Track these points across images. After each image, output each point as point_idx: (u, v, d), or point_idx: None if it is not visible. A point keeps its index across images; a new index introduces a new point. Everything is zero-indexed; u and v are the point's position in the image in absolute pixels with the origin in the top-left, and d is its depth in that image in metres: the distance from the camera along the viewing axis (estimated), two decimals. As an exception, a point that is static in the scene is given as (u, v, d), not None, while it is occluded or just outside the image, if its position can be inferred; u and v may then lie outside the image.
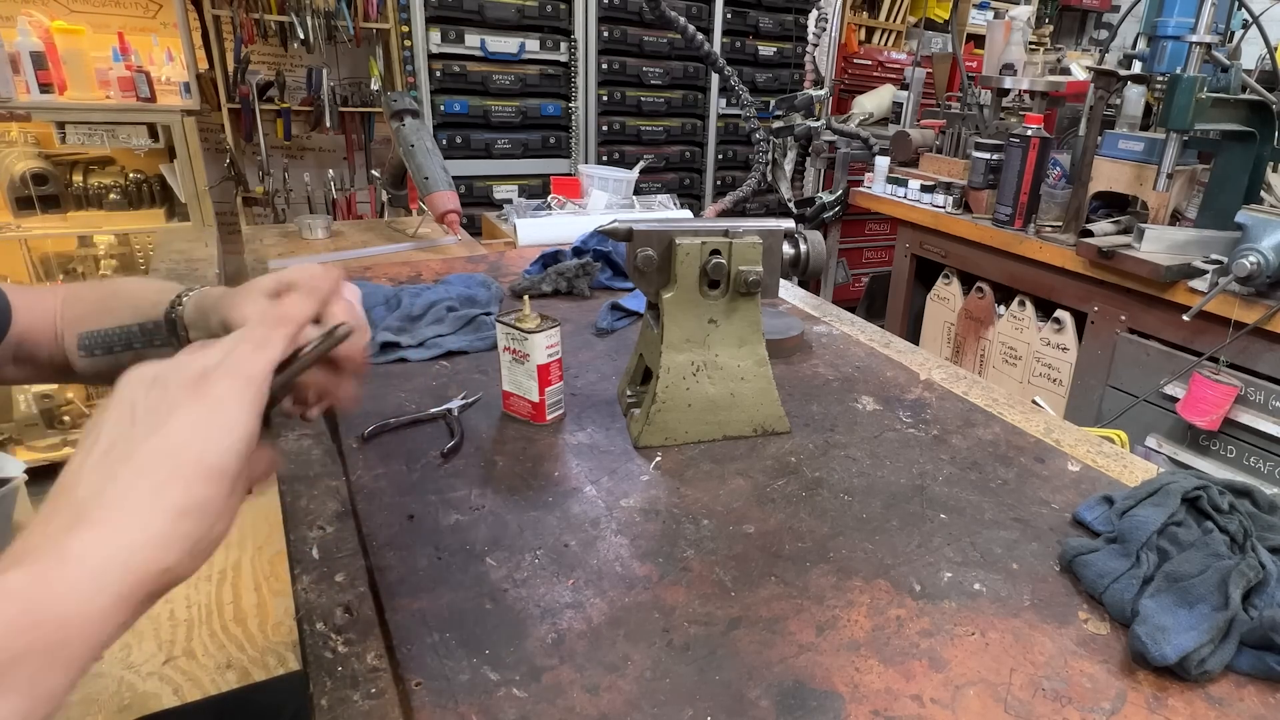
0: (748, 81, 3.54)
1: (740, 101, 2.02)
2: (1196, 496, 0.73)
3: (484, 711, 0.53)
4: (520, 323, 0.89)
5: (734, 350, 0.90)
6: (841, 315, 1.38)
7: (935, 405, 1.03)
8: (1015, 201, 2.27)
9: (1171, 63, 2.07)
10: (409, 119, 1.76)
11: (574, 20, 3.14)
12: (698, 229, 0.87)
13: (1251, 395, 1.78)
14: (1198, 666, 0.58)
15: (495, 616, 0.62)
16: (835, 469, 0.86)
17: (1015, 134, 2.23)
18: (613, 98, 3.34)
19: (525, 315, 0.89)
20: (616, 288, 1.43)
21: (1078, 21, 5.42)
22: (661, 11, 1.81)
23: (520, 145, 3.20)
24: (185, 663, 2.13)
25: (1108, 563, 0.68)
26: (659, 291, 0.88)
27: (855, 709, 0.55)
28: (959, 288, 2.64)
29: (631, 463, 0.86)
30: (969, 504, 0.81)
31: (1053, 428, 0.99)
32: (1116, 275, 2.00)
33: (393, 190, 2.05)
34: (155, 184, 2.91)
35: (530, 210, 2.06)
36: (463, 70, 2.98)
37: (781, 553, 0.72)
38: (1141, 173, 2.08)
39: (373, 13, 2.88)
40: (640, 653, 0.59)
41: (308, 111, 2.98)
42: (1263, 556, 0.67)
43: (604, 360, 1.12)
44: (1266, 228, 1.68)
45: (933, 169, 2.77)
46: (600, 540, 0.72)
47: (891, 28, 4.34)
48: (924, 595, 0.67)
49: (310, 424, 0.90)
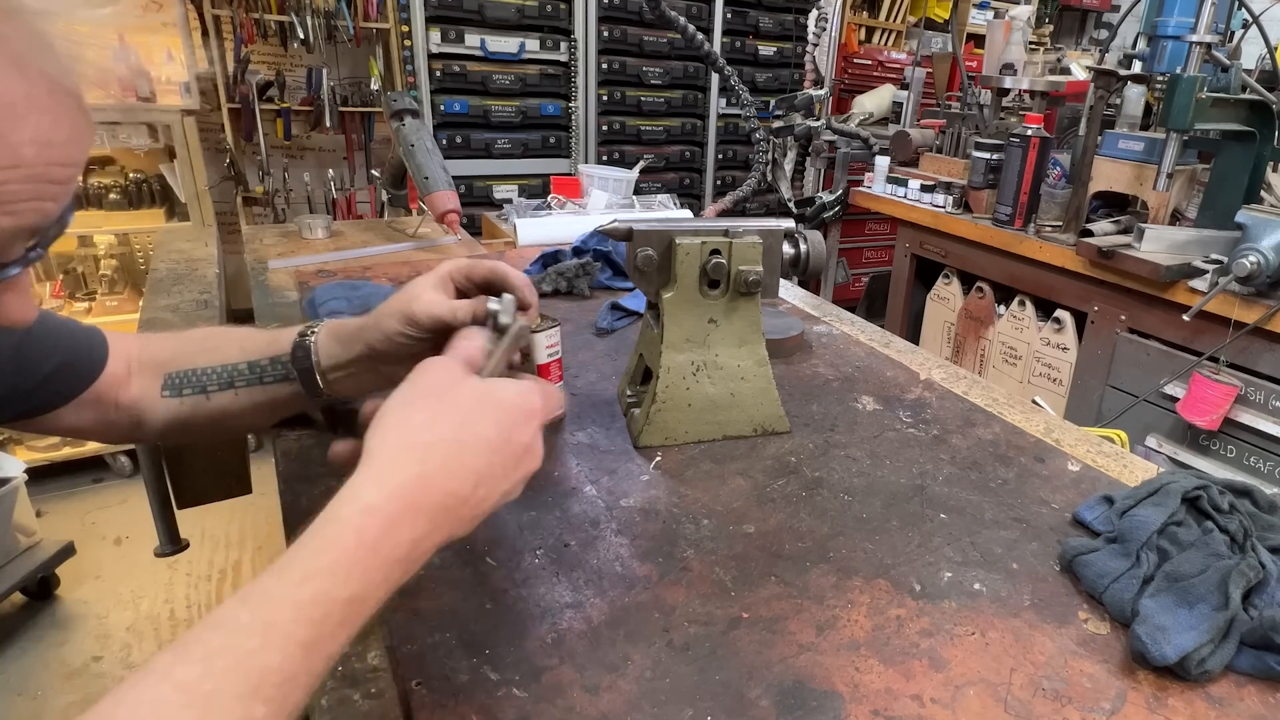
0: (748, 81, 3.53)
1: (740, 101, 2.02)
2: (1196, 496, 0.73)
3: (484, 711, 0.53)
4: None
5: (734, 350, 0.90)
6: (841, 315, 1.38)
7: (935, 405, 1.03)
8: (1015, 201, 2.27)
9: (1171, 63, 2.07)
10: (409, 119, 1.76)
11: (574, 20, 3.14)
12: (698, 229, 0.87)
13: (1251, 395, 1.78)
14: (1198, 666, 0.58)
15: (495, 616, 0.62)
16: (835, 469, 0.86)
17: (1015, 134, 2.23)
18: (613, 97, 3.34)
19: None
20: (616, 288, 1.43)
21: (1078, 21, 5.42)
22: (661, 11, 1.81)
23: (520, 145, 3.20)
24: (185, 663, 2.12)
25: (1108, 563, 0.68)
26: (659, 291, 0.88)
27: (855, 709, 0.55)
28: (959, 288, 2.64)
29: (631, 463, 0.86)
30: (969, 504, 0.81)
31: (1053, 427, 0.99)
32: (1116, 275, 2.00)
33: (393, 190, 2.05)
34: (155, 184, 2.91)
35: (530, 210, 2.06)
36: (463, 70, 2.98)
37: (781, 552, 0.72)
38: (1141, 172, 2.08)
39: (373, 12, 2.88)
40: (640, 653, 0.59)
41: (308, 111, 2.98)
42: (1263, 556, 0.67)
43: (604, 360, 1.12)
44: (1266, 227, 1.68)
45: (933, 169, 2.77)
46: (600, 540, 0.72)
47: (891, 27, 4.34)
48: (924, 595, 0.67)
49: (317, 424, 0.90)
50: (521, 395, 0.53)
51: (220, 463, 1.19)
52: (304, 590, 0.41)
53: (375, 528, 0.44)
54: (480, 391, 0.52)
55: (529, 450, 0.53)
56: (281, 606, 0.41)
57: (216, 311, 1.31)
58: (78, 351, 0.72)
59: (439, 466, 0.48)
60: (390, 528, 0.45)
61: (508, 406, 0.52)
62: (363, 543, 0.44)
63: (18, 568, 2.16)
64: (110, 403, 0.74)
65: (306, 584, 0.42)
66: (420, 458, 0.47)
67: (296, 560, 0.43)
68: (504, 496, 0.52)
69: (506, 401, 0.52)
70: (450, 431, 0.49)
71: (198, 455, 1.16)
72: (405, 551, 0.45)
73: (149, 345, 0.77)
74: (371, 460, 0.47)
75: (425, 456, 0.47)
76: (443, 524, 0.48)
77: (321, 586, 0.42)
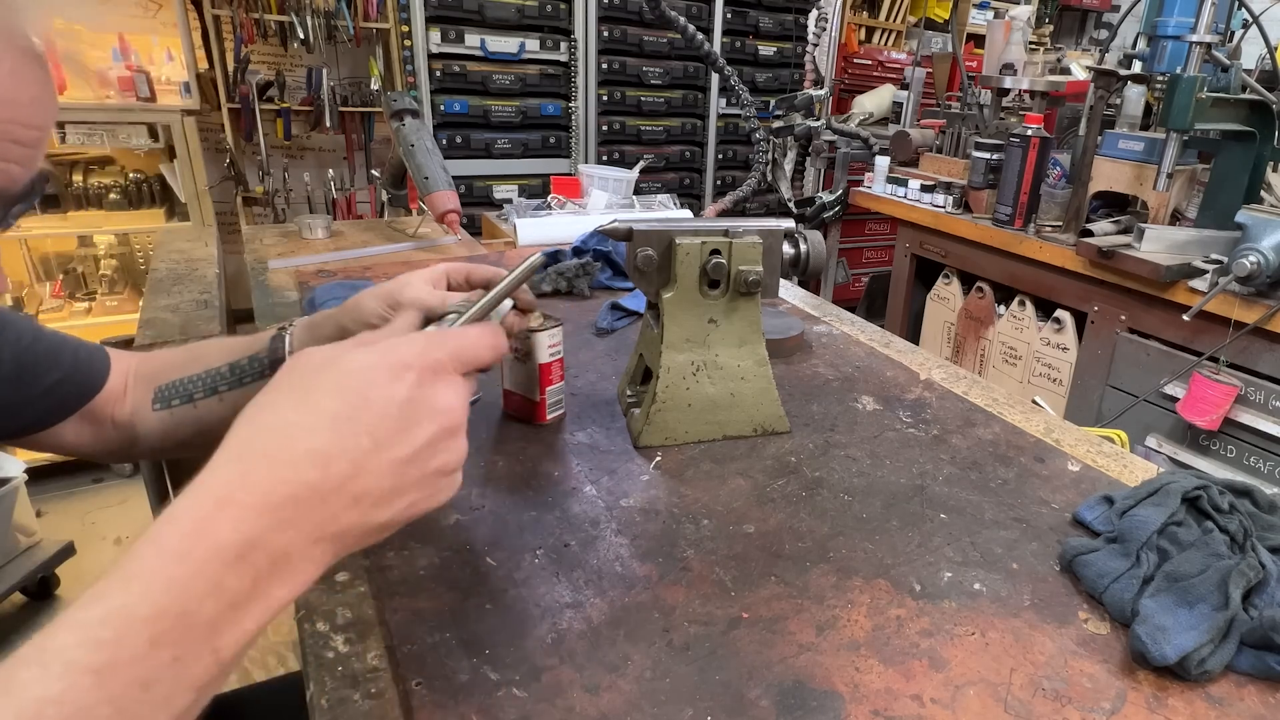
0: (748, 81, 3.53)
1: (740, 101, 2.02)
2: (1196, 496, 0.73)
3: (484, 711, 0.53)
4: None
5: (734, 350, 0.90)
6: (841, 315, 1.38)
7: (935, 405, 1.03)
8: (1015, 201, 2.27)
9: (1171, 62, 2.07)
10: (409, 119, 1.76)
11: (574, 20, 3.14)
12: (698, 229, 0.87)
13: (1251, 395, 1.78)
14: (1198, 666, 0.58)
15: (495, 616, 0.62)
16: (835, 469, 0.86)
17: (1015, 134, 2.23)
18: (613, 97, 3.34)
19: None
20: (616, 288, 1.43)
21: (1078, 21, 5.42)
22: (661, 11, 1.81)
23: (520, 145, 3.20)
24: (185, 663, 2.12)
25: (1108, 563, 0.68)
26: (659, 291, 0.88)
27: (855, 709, 0.55)
28: (959, 287, 2.64)
29: (631, 462, 0.86)
30: (969, 504, 0.81)
31: (1053, 427, 0.99)
32: (1116, 275, 2.00)
33: (393, 190, 2.05)
34: (155, 184, 2.91)
35: (530, 210, 2.06)
36: (463, 70, 2.98)
37: (781, 552, 0.72)
38: (1141, 172, 2.08)
39: (373, 12, 2.88)
40: (640, 653, 0.59)
41: (308, 111, 2.98)
42: (1263, 556, 0.67)
43: (604, 360, 1.12)
44: (1266, 227, 1.68)
45: (933, 169, 2.77)
46: (600, 540, 0.72)
47: (891, 27, 4.34)
48: (924, 595, 0.67)
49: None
50: (382, 351, 0.45)
51: (220, 463, 1.19)
52: (92, 610, 0.36)
53: (181, 534, 0.38)
54: (323, 359, 0.45)
55: (411, 404, 0.44)
56: (62, 629, 0.35)
57: (216, 311, 1.31)
58: (79, 367, 0.72)
59: (260, 457, 0.41)
60: (200, 530, 0.38)
61: (358, 368, 0.44)
62: (162, 551, 0.37)
63: (18, 568, 2.16)
64: (107, 420, 0.74)
65: (96, 602, 0.36)
66: (237, 454, 0.41)
67: (97, 583, 0.37)
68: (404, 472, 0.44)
69: (358, 364, 0.44)
70: (276, 416, 0.42)
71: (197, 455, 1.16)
72: (235, 554, 0.38)
73: (144, 361, 0.77)
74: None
75: (243, 452, 0.41)
76: (301, 516, 0.40)
77: (113, 604, 0.36)
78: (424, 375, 0.45)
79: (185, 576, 0.37)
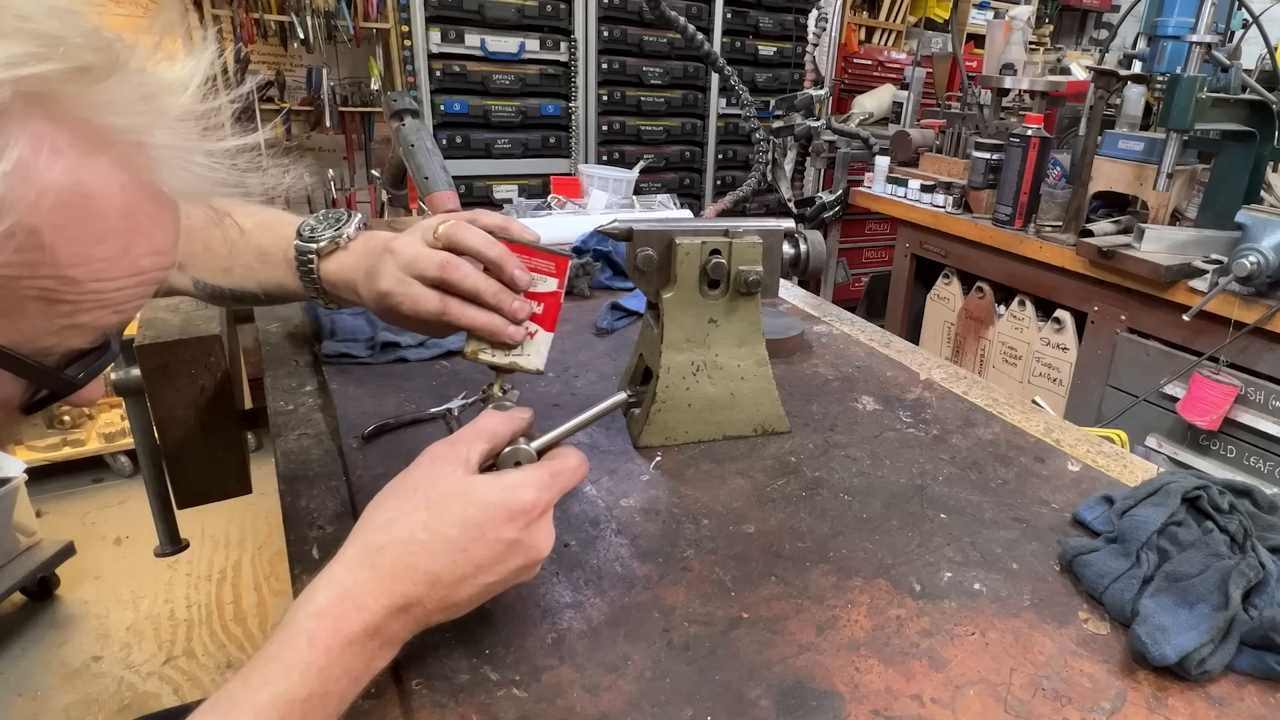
0: (748, 81, 3.54)
1: (740, 101, 2.02)
2: (1196, 496, 0.73)
3: (484, 711, 0.53)
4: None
5: (734, 350, 0.90)
6: (841, 315, 1.38)
7: (935, 405, 1.03)
8: (1015, 201, 2.27)
9: (1171, 63, 2.07)
10: (409, 119, 1.76)
11: (574, 20, 3.15)
12: (698, 229, 0.87)
13: (1251, 395, 1.79)
14: (1198, 666, 0.58)
15: (495, 616, 0.62)
16: (835, 469, 0.86)
17: (1015, 134, 2.23)
18: (613, 97, 3.34)
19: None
20: (616, 288, 1.43)
21: (1078, 21, 5.42)
22: (661, 11, 1.81)
23: (520, 145, 3.20)
24: (185, 663, 2.13)
25: (1108, 562, 0.68)
26: (659, 291, 0.87)
27: (855, 709, 0.55)
28: (959, 287, 2.64)
29: (631, 463, 0.86)
30: (969, 504, 0.81)
31: (1053, 427, 0.99)
32: (1116, 275, 2.00)
33: (393, 190, 2.04)
34: (155, 184, 2.91)
35: (530, 210, 2.06)
36: (463, 70, 2.98)
37: (781, 552, 0.72)
38: (1141, 172, 2.08)
39: (373, 12, 2.88)
40: (640, 653, 0.59)
41: (308, 111, 2.98)
42: (1263, 556, 0.67)
43: (604, 360, 1.12)
44: (1266, 227, 1.68)
45: (933, 169, 2.77)
46: (600, 540, 0.72)
47: (891, 27, 4.34)
48: (924, 595, 0.67)
49: (311, 425, 0.90)
50: (505, 492, 0.53)
51: (220, 463, 1.19)
52: (262, 694, 0.45)
53: (326, 629, 0.47)
54: (455, 489, 0.53)
55: (515, 545, 0.53)
56: (243, 712, 0.44)
57: (217, 311, 1.31)
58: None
59: (388, 570, 0.50)
60: (338, 628, 0.48)
61: (482, 504, 0.52)
62: (314, 644, 0.47)
63: (18, 568, 2.16)
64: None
65: (265, 689, 0.45)
66: (371, 560, 0.50)
67: (258, 667, 0.46)
68: (488, 589, 0.53)
69: (481, 500, 0.53)
70: (407, 533, 0.51)
71: (198, 455, 1.17)
72: (361, 644, 0.48)
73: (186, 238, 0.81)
74: (339, 556, 0.51)
75: (376, 560, 0.50)
76: (409, 615, 0.51)
77: (279, 689, 0.45)
78: (533, 519, 0.54)
79: (328, 665, 0.47)
